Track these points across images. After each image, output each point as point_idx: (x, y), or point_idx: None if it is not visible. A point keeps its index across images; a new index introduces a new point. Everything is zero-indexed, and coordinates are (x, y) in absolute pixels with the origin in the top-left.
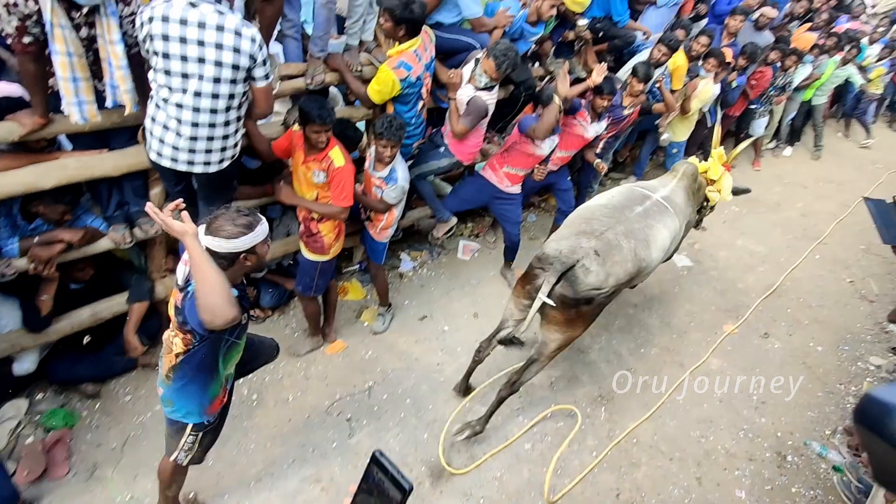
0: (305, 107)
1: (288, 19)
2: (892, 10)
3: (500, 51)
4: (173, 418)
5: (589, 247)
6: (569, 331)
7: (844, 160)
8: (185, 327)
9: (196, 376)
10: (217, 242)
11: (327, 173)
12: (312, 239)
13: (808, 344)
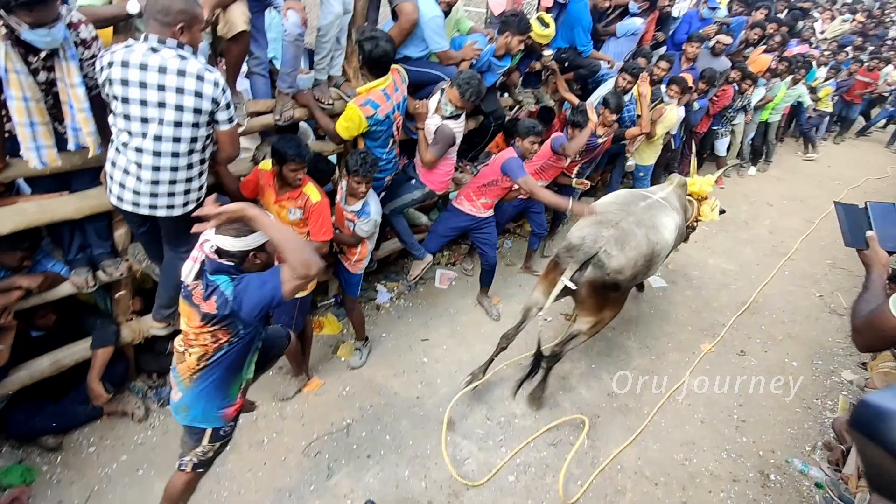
0: (280, 146)
1: (255, 56)
2: (840, 36)
3: (464, 80)
4: (192, 425)
5: (609, 235)
6: (600, 315)
7: (805, 178)
8: (225, 322)
9: (223, 376)
10: (227, 241)
11: (304, 210)
12: None
13: (784, 360)
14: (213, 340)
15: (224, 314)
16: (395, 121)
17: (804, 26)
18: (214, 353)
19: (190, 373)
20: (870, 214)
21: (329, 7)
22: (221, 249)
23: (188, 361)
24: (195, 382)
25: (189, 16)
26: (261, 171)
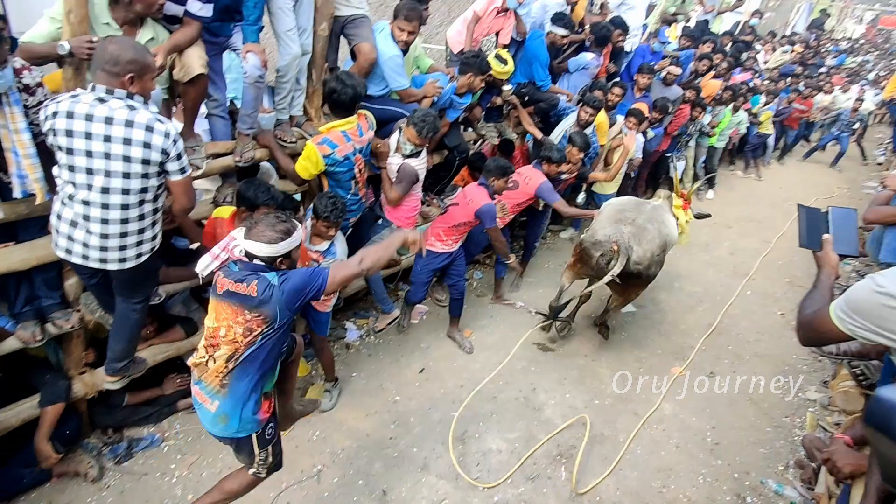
0: (250, 192)
1: (213, 99)
2: (781, 65)
3: (419, 118)
4: (235, 437)
5: (627, 231)
6: (627, 295)
7: (760, 200)
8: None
9: (254, 376)
10: (258, 247)
11: None
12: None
13: (752, 378)
14: (246, 333)
15: (264, 298)
16: (355, 163)
17: (747, 57)
18: (246, 350)
19: (220, 377)
20: (829, 219)
21: (287, 48)
22: (251, 253)
23: (216, 366)
24: (229, 385)
25: (139, 66)
26: (217, 220)
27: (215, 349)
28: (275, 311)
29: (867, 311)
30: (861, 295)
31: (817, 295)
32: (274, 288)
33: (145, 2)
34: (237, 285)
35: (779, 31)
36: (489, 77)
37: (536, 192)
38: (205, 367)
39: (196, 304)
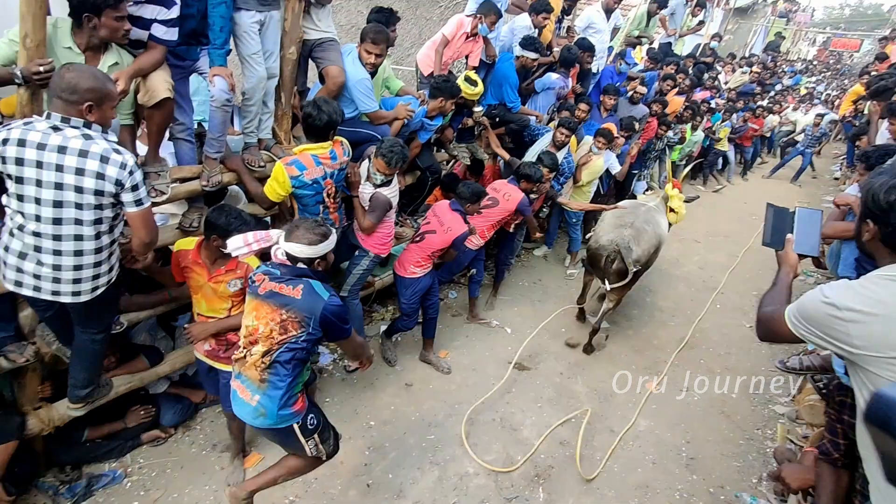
0: (221, 220)
1: (179, 122)
2: (741, 85)
3: (387, 148)
4: (275, 427)
5: (629, 234)
6: (622, 293)
7: (726, 214)
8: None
9: (289, 371)
10: (299, 248)
11: (245, 279)
12: (236, 347)
13: (724, 392)
14: (282, 332)
15: (306, 303)
16: (325, 187)
17: (708, 76)
18: (280, 348)
19: (260, 371)
20: (795, 219)
21: (252, 71)
22: (292, 255)
23: (253, 359)
24: (269, 380)
25: (98, 94)
26: (181, 252)
27: (253, 345)
28: (310, 320)
29: (815, 318)
30: (810, 303)
31: (776, 292)
32: (318, 298)
33: (111, 27)
34: (282, 286)
35: (738, 53)
36: (460, 99)
37: (518, 207)
38: (244, 360)
39: (163, 333)
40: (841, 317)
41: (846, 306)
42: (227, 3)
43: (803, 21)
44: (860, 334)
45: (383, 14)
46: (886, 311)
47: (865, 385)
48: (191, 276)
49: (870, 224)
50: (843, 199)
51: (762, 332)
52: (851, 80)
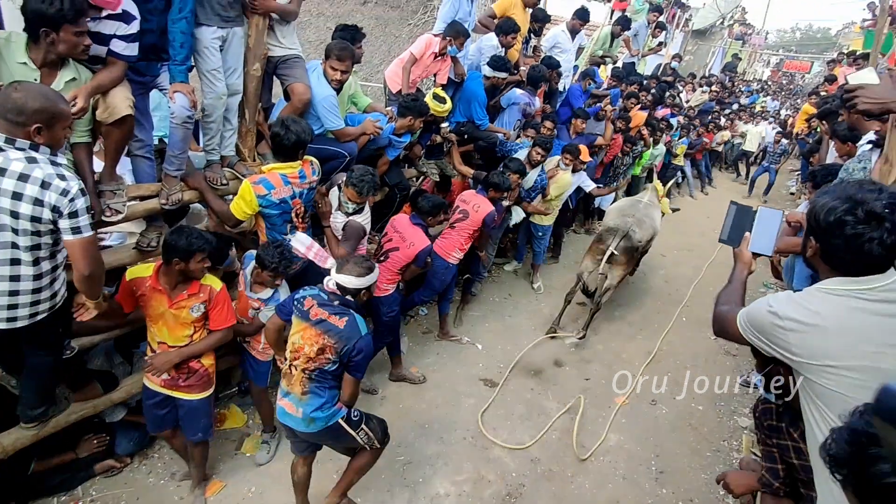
0: (183, 241)
1: (138, 139)
2: (701, 104)
3: (357, 177)
4: (325, 428)
5: (632, 220)
6: (625, 269)
7: (689, 229)
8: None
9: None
10: (349, 280)
11: (208, 302)
12: (196, 377)
13: (691, 405)
14: (319, 352)
15: (345, 334)
16: (293, 207)
17: (669, 94)
18: (316, 369)
19: (302, 386)
20: (755, 218)
21: (211, 87)
22: (342, 286)
23: (297, 375)
24: (310, 393)
25: (48, 115)
26: (136, 280)
27: (295, 360)
28: (344, 349)
29: (760, 325)
30: (757, 311)
31: (731, 290)
32: (357, 333)
33: (70, 42)
34: (331, 316)
35: (697, 73)
36: (430, 117)
37: (484, 219)
38: (290, 376)
39: (120, 359)
40: (782, 325)
41: (787, 316)
42: (187, 18)
43: (758, 43)
44: (798, 343)
45: (349, 31)
46: (823, 323)
47: (809, 396)
48: (149, 304)
49: (812, 241)
50: (794, 216)
51: (717, 329)
52: (803, 100)
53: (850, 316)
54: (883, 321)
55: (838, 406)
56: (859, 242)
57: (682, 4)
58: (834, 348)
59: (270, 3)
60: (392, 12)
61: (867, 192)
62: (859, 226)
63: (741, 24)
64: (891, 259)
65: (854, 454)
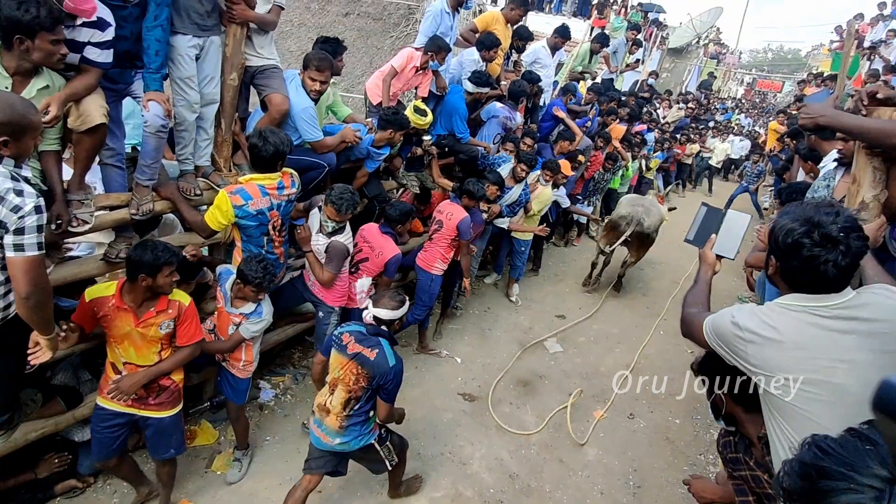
0: (148, 256)
1: (109, 148)
2: (677, 120)
3: (337, 196)
4: (358, 448)
5: (642, 210)
6: (641, 252)
7: (666, 242)
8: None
9: (366, 412)
10: (385, 312)
11: (177, 318)
12: (167, 394)
13: (668, 418)
14: (356, 381)
15: (376, 364)
16: (270, 219)
17: (646, 111)
18: (351, 396)
19: (340, 421)
20: (723, 221)
21: (184, 95)
22: (378, 318)
23: (335, 411)
24: (347, 428)
25: (15, 128)
26: (97, 301)
27: (333, 391)
28: (375, 378)
29: (723, 335)
30: (721, 321)
31: (697, 291)
32: (387, 363)
33: (45, 51)
34: (364, 349)
35: (674, 90)
36: (411, 129)
37: (458, 226)
38: (325, 409)
39: (88, 375)
40: (742, 337)
41: (747, 328)
42: (163, 26)
43: (732, 63)
44: (755, 354)
45: (330, 44)
46: (779, 337)
47: (770, 410)
48: (113, 324)
49: (773, 260)
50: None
51: (684, 332)
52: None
53: (805, 331)
54: (836, 337)
55: (796, 420)
56: (815, 264)
57: (659, 23)
58: (789, 361)
59: (248, 13)
60: (374, 24)
61: (824, 215)
62: (815, 248)
63: (716, 43)
64: (845, 279)
65: (806, 488)
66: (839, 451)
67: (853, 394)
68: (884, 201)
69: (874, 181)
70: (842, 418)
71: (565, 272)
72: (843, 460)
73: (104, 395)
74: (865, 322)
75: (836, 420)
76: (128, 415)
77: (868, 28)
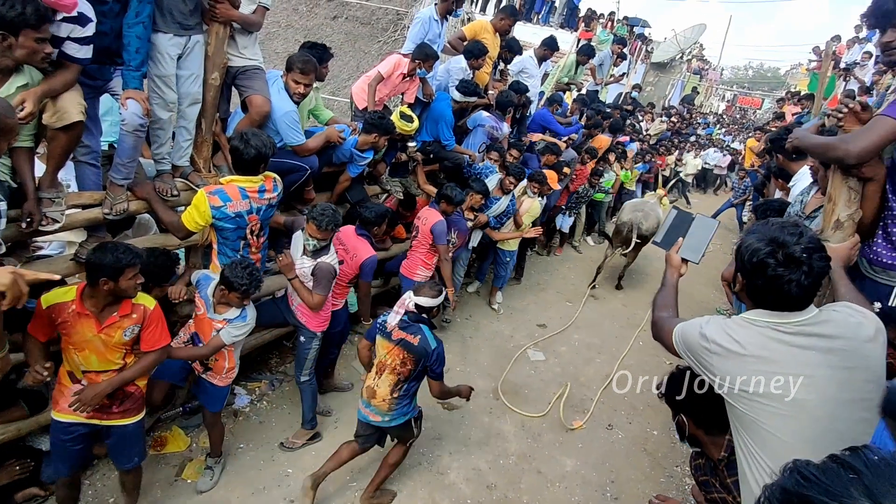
0: (109, 258)
1: (85, 145)
2: (660, 133)
3: (318, 212)
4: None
5: (641, 215)
6: (637, 253)
7: (645, 254)
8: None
9: (411, 395)
10: (426, 300)
11: (143, 322)
12: (132, 400)
13: (646, 429)
14: (402, 365)
15: (419, 349)
16: (249, 223)
17: (628, 122)
18: (399, 378)
19: (388, 404)
20: (691, 225)
21: (161, 94)
22: (420, 305)
23: (382, 393)
24: (396, 409)
25: None
26: (56, 307)
27: (381, 374)
28: (420, 360)
29: (690, 345)
30: (690, 331)
31: (665, 293)
32: (429, 346)
33: (30, 48)
34: (408, 336)
35: (657, 104)
36: (396, 135)
37: (432, 230)
38: (373, 391)
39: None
40: (708, 348)
41: (713, 340)
42: (144, 23)
43: (714, 79)
44: (719, 365)
45: (316, 50)
46: (741, 350)
47: (735, 425)
48: (73, 331)
49: (740, 277)
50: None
51: (654, 334)
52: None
53: (767, 345)
54: (797, 353)
55: (758, 434)
56: (779, 283)
57: (644, 38)
58: (748, 375)
59: (232, 13)
60: (362, 28)
61: (788, 235)
62: (779, 269)
63: (699, 59)
64: (808, 298)
65: None
66: (822, 479)
67: (811, 409)
68: (858, 220)
69: (849, 200)
70: (800, 433)
71: (548, 281)
72: (826, 489)
73: (61, 408)
74: (826, 339)
75: (795, 434)
76: (90, 425)
77: (844, 49)
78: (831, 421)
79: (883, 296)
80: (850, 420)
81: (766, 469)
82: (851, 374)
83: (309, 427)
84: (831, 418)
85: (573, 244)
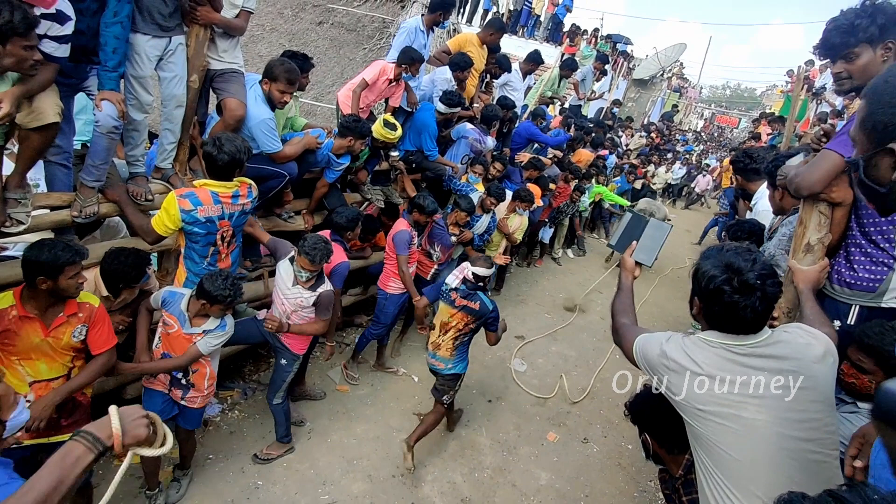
0: (42, 255)
1: (56, 145)
2: (639, 148)
3: (310, 246)
4: (453, 374)
5: (654, 207)
6: None
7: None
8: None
9: (467, 346)
10: (482, 270)
11: (90, 321)
12: (81, 411)
13: (621, 444)
14: (463, 325)
15: (479, 312)
16: (220, 228)
17: (608, 137)
18: (458, 334)
19: (450, 352)
20: (645, 229)
21: (137, 95)
22: (476, 274)
23: (446, 345)
24: (456, 356)
25: None
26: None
27: (445, 333)
28: (479, 320)
29: (650, 359)
30: (651, 347)
31: (623, 297)
32: (486, 308)
33: (17, 56)
34: (468, 302)
35: (637, 120)
36: (379, 143)
37: (392, 238)
38: (437, 344)
39: None
40: (666, 364)
41: (671, 357)
42: (122, 23)
43: (693, 97)
44: (674, 382)
45: (298, 60)
46: (696, 369)
47: (693, 442)
48: (17, 338)
49: (697, 301)
50: None
51: (616, 340)
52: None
53: (722, 365)
54: (748, 373)
55: (714, 453)
56: (734, 310)
57: (626, 55)
58: (702, 393)
59: (213, 16)
60: (347, 35)
61: (742, 262)
62: (735, 295)
63: (679, 77)
64: (762, 321)
65: None
66: None
67: (761, 428)
68: (827, 244)
69: (819, 224)
70: (751, 452)
71: (527, 293)
72: None
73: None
74: (777, 360)
75: (746, 453)
76: (35, 447)
77: (817, 73)
78: (780, 439)
79: (842, 314)
80: (799, 440)
81: (723, 488)
82: (800, 395)
83: (285, 441)
84: (780, 437)
85: (553, 256)
